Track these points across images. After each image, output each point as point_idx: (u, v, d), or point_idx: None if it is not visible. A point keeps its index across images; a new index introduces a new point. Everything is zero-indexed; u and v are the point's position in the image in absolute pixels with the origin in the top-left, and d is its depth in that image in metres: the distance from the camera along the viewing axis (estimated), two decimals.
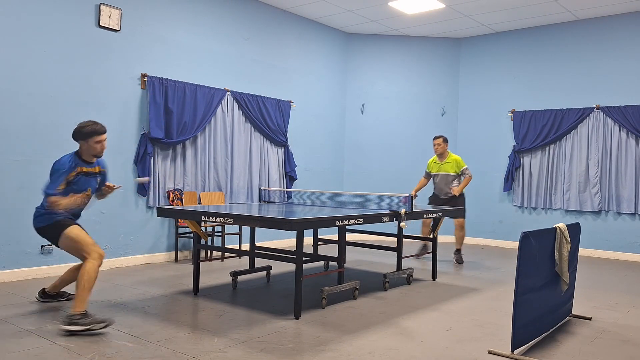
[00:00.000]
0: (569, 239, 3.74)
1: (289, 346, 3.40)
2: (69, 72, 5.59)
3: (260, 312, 4.22)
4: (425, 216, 5.29)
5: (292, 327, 3.83)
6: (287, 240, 7.81)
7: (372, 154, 9.28)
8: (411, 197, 5.02)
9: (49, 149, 5.31)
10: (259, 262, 5.74)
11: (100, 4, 5.79)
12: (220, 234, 6.75)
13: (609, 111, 7.71)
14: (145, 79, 6.20)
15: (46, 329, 3.61)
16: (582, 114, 7.93)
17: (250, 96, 7.44)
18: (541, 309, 3.55)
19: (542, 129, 8.25)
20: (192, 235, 6.47)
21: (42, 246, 5.34)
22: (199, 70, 6.84)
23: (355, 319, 4.09)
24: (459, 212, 6.15)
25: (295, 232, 3.95)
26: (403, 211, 4.75)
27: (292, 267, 5.72)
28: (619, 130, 7.66)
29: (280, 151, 7.99)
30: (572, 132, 8.05)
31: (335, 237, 6.54)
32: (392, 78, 9.30)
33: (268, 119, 7.67)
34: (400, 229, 5.37)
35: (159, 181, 6.41)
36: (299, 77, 8.33)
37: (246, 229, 6.87)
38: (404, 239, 5.53)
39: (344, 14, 8.16)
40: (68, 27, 5.57)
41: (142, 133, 6.23)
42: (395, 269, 5.56)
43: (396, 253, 5.47)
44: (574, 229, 3.95)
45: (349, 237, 6.53)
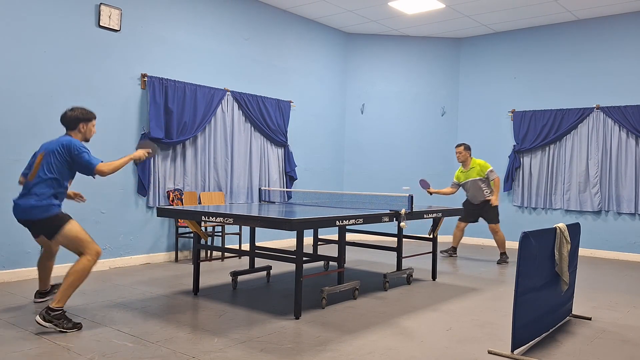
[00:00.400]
0: (569, 239, 3.74)
1: (289, 346, 3.40)
2: (69, 72, 5.59)
3: (260, 312, 4.22)
4: (425, 216, 5.27)
5: (292, 327, 3.83)
6: (287, 240, 7.81)
7: (372, 154, 9.28)
8: (428, 190, 5.66)
9: None
10: (259, 262, 5.75)
11: (100, 4, 5.79)
12: (220, 234, 6.75)
13: (609, 111, 7.71)
14: (145, 79, 6.20)
15: (46, 329, 3.61)
16: (582, 114, 7.93)
17: (250, 96, 7.44)
18: (541, 309, 3.55)
19: (542, 129, 8.25)
20: (192, 235, 6.47)
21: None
22: (199, 70, 6.84)
23: (355, 319, 4.09)
24: (460, 212, 6.15)
25: (295, 232, 3.95)
26: (403, 211, 4.75)
27: (292, 267, 5.73)
28: (619, 130, 7.66)
29: (280, 151, 7.99)
30: (572, 132, 8.05)
31: (335, 237, 6.55)
32: (392, 78, 9.30)
33: (268, 119, 7.67)
34: (400, 229, 5.37)
35: (159, 181, 6.41)
36: (299, 77, 8.33)
37: (246, 229, 6.87)
38: (404, 239, 5.53)
39: (344, 14, 8.16)
40: (68, 27, 5.57)
41: (142, 133, 6.23)
42: (395, 269, 5.56)
43: (396, 253, 5.47)
44: (574, 229, 3.95)
45: (349, 237, 6.54)
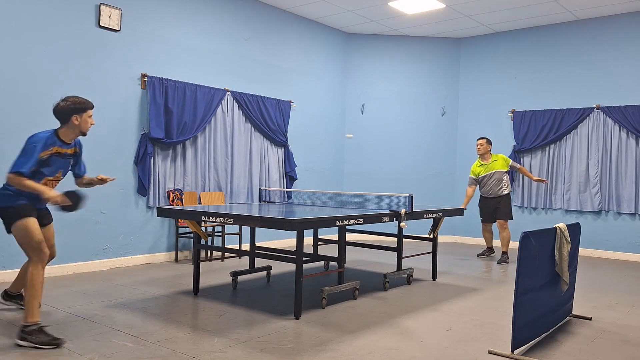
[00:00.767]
0: (569, 239, 3.74)
1: (289, 346, 3.40)
2: (69, 72, 5.59)
3: (260, 312, 4.22)
4: (425, 216, 5.27)
5: (292, 327, 3.83)
6: (287, 240, 7.81)
7: (372, 154, 9.28)
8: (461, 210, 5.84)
9: None
10: (259, 262, 5.74)
11: (100, 4, 5.79)
12: (220, 234, 6.75)
13: (609, 111, 7.71)
14: (145, 79, 6.20)
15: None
16: (582, 114, 7.93)
17: (250, 96, 7.44)
18: (541, 309, 3.55)
19: (542, 129, 8.25)
20: (192, 235, 6.47)
21: None
22: (199, 70, 6.84)
23: (355, 319, 4.09)
24: (460, 212, 6.14)
25: (295, 232, 3.95)
26: (403, 211, 4.75)
27: (292, 267, 5.72)
28: (619, 130, 7.66)
29: (280, 151, 7.99)
30: (572, 132, 8.05)
31: (335, 237, 6.54)
32: (392, 78, 9.30)
33: (268, 119, 7.67)
34: (400, 229, 5.37)
35: (159, 181, 6.41)
36: (299, 77, 8.33)
37: (246, 229, 6.87)
38: (404, 239, 5.53)
39: (344, 14, 8.16)
40: (68, 27, 5.57)
41: (142, 133, 6.23)
42: (395, 269, 5.56)
43: (396, 253, 5.47)
44: (574, 229, 3.95)
45: (349, 237, 6.53)
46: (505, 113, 8.75)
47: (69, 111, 3.61)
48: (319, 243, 6.30)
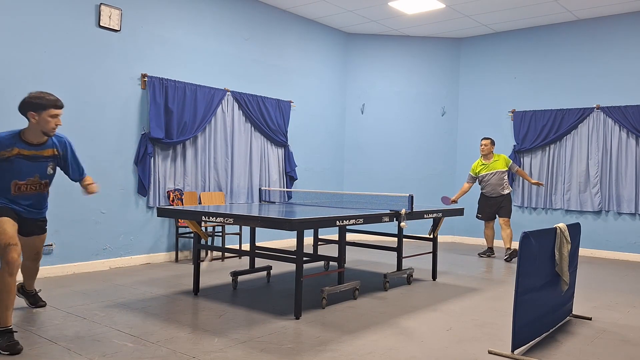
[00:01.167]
0: (569, 239, 3.74)
1: (289, 346, 3.40)
2: (69, 72, 5.59)
3: (260, 312, 4.22)
4: (425, 216, 5.27)
5: (292, 327, 3.83)
6: (287, 240, 7.81)
7: (372, 154, 9.28)
8: (452, 201, 5.93)
9: None
10: (259, 262, 5.74)
11: (100, 4, 5.79)
12: (220, 234, 6.75)
13: (609, 111, 7.71)
14: (145, 79, 6.20)
15: (46, 329, 3.61)
16: (582, 114, 7.93)
17: (251, 96, 7.44)
18: (541, 309, 3.55)
19: (542, 129, 8.25)
20: (192, 235, 6.47)
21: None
22: (199, 70, 6.84)
23: (355, 319, 4.09)
24: (460, 212, 6.15)
25: (296, 232, 3.95)
26: (403, 211, 4.75)
27: (292, 267, 5.73)
28: (619, 130, 7.66)
29: (281, 151, 7.99)
30: (572, 132, 8.05)
31: (336, 237, 6.54)
32: (392, 78, 9.30)
33: (268, 119, 7.67)
34: (400, 229, 5.37)
35: (159, 181, 6.41)
36: (299, 77, 8.33)
37: (246, 229, 6.87)
38: (404, 239, 5.53)
39: (344, 14, 8.16)
40: (68, 27, 5.57)
41: (142, 133, 6.23)
42: (395, 269, 5.56)
43: (396, 253, 5.47)
44: (574, 229, 3.95)
45: (349, 237, 6.53)
46: (505, 113, 8.75)
47: (25, 106, 3.40)
48: (319, 243, 6.29)
